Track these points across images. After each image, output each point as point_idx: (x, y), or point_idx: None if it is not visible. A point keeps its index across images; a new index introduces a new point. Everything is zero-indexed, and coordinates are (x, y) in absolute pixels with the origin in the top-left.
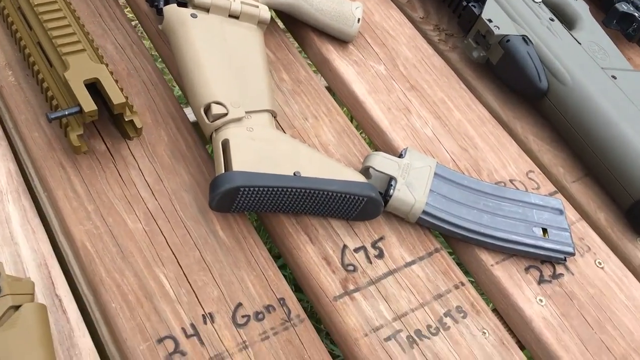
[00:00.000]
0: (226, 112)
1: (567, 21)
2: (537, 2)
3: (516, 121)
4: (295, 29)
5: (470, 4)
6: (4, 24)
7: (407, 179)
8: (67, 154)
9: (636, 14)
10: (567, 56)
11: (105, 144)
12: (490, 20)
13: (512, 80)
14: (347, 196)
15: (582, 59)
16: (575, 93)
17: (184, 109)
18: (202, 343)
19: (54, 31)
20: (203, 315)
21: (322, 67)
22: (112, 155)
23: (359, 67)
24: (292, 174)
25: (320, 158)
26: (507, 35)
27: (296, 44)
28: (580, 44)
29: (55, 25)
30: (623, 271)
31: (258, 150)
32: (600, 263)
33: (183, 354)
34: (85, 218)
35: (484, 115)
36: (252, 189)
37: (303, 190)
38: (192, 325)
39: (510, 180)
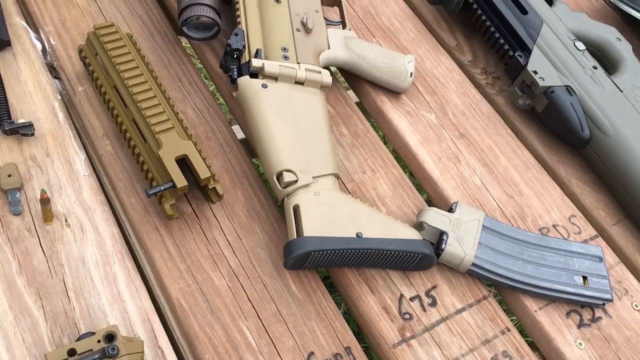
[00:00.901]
0: (296, 179)
1: (611, 63)
2: (581, 50)
3: (560, 165)
4: (353, 82)
5: (516, 54)
6: (100, 97)
7: (458, 233)
8: (160, 217)
9: None
10: (608, 106)
11: (192, 206)
12: (535, 72)
13: (556, 129)
14: (404, 254)
15: (624, 107)
16: (617, 143)
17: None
18: None
19: (147, 111)
20: None
21: (377, 117)
22: (197, 217)
23: (412, 118)
24: (355, 235)
25: (379, 216)
26: (551, 86)
27: (353, 97)
28: (621, 91)
29: (147, 105)
30: None
31: (324, 215)
32: (637, 306)
33: None
34: (179, 277)
35: (528, 160)
36: (320, 252)
37: (365, 250)
38: None
39: (554, 226)
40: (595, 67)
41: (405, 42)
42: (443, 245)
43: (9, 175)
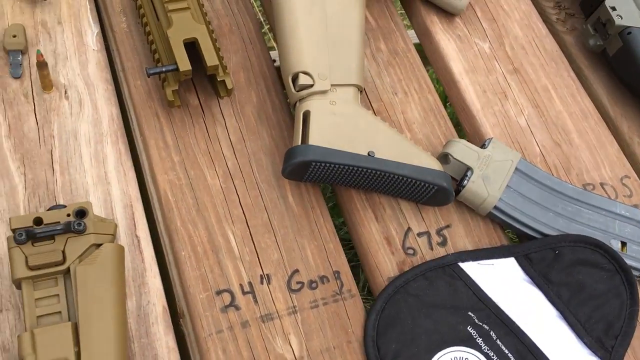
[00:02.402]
0: (312, 83)
1: None
2: None
3: (624, 120)
4: None
5: None
6: None
7: (485, 172)
8: (163, 104)
9: None
10: None
11: (199, 99)
12: (613, 8)
13: (627, 76)
14: (418, 182)
15: None
16: None
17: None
18: (255, 301)
19: None
20: (261, 275)
21: (424, 38)
22: (203, 111)
23: (462, 43)
24: (366, 154)
25: (399, 139)
26: (629, 27)
27: (401, 12)
28: None
29: None
30: None
31: (337, 126)
32: None
33: (237, 308)
34: (171, 168)
35: (588, 109)
36: (323, 164)
37: (374, 171)
38: (250, 284)
39: (601, 184)
40: None
41: None
42: (465, 182)
43: (14, 36)
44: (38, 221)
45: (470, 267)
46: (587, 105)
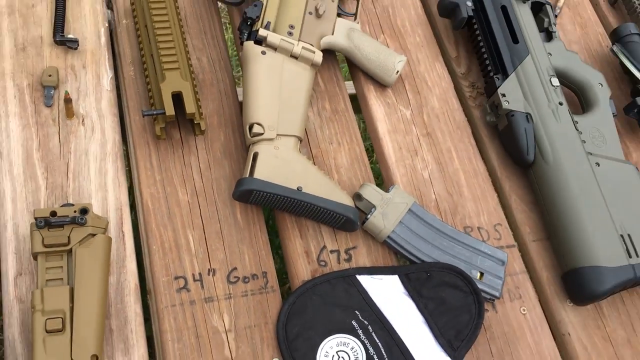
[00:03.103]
0: (263, 132)
1: (586, 103)
2: (554, 86)
3: (507, 180)
4: (351, 67)
5: (495, 76)
6: (135, 32)
7: (385, 210)
8: (153, 136)
9: None
10: (557, 139)
11: (181, 134)
12: (503, 95)
13: (508, 147)
14: (332, 213)
15: (572, 144)
16: (552, 172)
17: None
18: (202, 287)
19: (162, 50)
20: (209, 269)
21: (361, 101)
22: (182, 144)
23: (389, 109)
24: (296, 188)
25: (323, 180)
26: (513, 110)
27: (345, 80)
28: (578, 129)
29: (164, 46)
30: (542, 323)
31: (276, 166)
32: (524, 310)
33: (188, 290)
34: (153, 184)
35: (479, 169)
36: (262, 192)
37: (300, 202)
38: (200, 274)
39: (478, 228)
40: (560, 104)
41: (409, 44)
42: (369, 216)
43: (50, 75)
44: (53, 214)
45: (364, 279)
46: (479, 166)
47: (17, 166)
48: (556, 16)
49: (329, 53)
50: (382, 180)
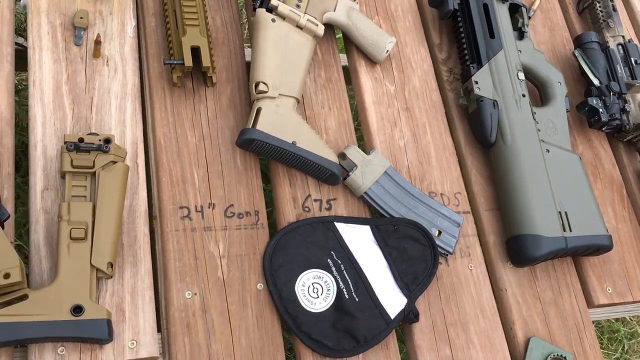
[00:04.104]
0: (267, 90)
1: (545, 97)
2: (520, 80)
3: (470, 156)
4: (347, 43)
5: (471, 65)
6: None
7: (364, 169)
8: (169, 83)
9: (600, 110)
10: (517, 125)
11: (193, 84)
12: (476, 82)
13: (474, 128)
14: (319, 166)
15: (529, 131)
16: (509, 151)
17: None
18: (202, 217)
19: (185, 8)
20: (209, 203)
21: (352, 73)
22: (194, 92)
23: (376, 83)
24: (291, 142)
25: (314, 138)
26: (483, 96)
27: (342, 54)
28: (535, 119)
29: (187, 4)
30: (485, 279)
31: (276, 120)
32: (471, 267)
33: (190, 219)
34: (166, 125)
35: (448, 145)
36: (262, 142)
37: (293, 154)
38: (201, 206)
39: (441, 194)
40: (524, 95)
41: (399, 27)
42: (351, 173)
43: (81, 18)
44: (81, 140)
45: (341, 226)
46: (448, 141)
47: (48, 95)
48: (529, 17)
49: (329, 27)
50: (364, 145)
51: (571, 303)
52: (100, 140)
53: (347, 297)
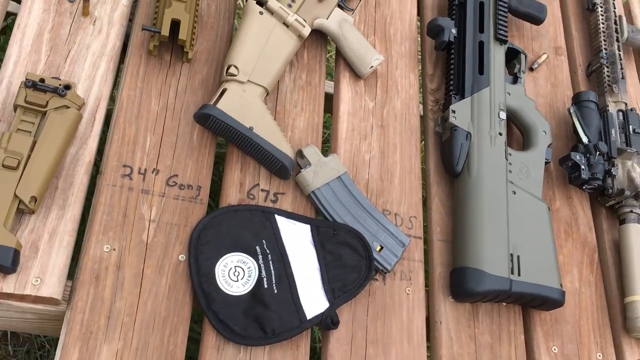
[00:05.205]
0: (236, 74)
1: (526, 143)
2: (500, 119)
3: (436, 184)
4: (338, 52)
5: (453, 95)
6: None
7: (317, 169)
8: (147, 52)
9: (582, 167)
10: (486, 160)
11: (171, 59)
12: (454, 111)
13: (444, 156)
14: (271, 156)
15: (497, 168)
16: (472, 184)
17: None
18: (143, 180)
19: None
20: (154, 168)
21: (335, 83)
22: (169, 66)
23: (356, 95)
24: (248, 127)
25: (274, 128)
26: (457, 126)
27: (328, 62)
28: (507, 159)
29: None
30: (420, 307)
31: (238, 104)
32: (409, 291)
33: (131, 178)
34: (133, 89)
35: (415, 169)
36: (218, 120)
37: (247, 138)
38: (145, 170)
39: (395, 214)
40: (500, 134)
41: (394, 51)
42: (302, 170)
43: None
44: (42, 80)
45: (281, 220)
46: (416, 166)
47: (28, 38)
48: (532, 69)
49: (322, 37)
50: (329, 150)
51: (509, 353)
52: (60, 85)
53: (266, 286)
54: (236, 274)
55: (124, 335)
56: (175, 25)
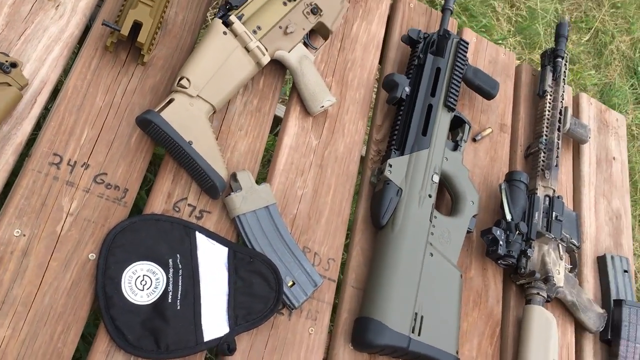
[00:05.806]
0: (187, 87)
1: (454, 209)
2: (433, 181)
3: (360, 232)
4: (294, 86)
5: (393, 149)
6: None
7: (247, 195)
8: (104, 47)
9: (500, 243)
10: (410, 219)
11: (126, 58)
12: (390, 165)
13: (372, 207)
14: (204, 173)
15: (419, 229)
16: (392, 238)
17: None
18: (70, 172)
19: None
20: (84, 163)
21: (285, 114)
22: (123, 64)
23: (302, 131)
24: (187, 141)
25: (213, 147)
26: (391, 180)
27: (281, 92)
28: (432, 222)
29: None
30: (320, 348)
31: (182, 117)
32: (311, 331)
33: (58, 168)
34: (81, 80)
35: (343, 214)
36: (159, 128)
37: (184, 151)
38: (75, 162)
39: (315, 253)
40: (430, 196)
41: (348, 96)
42: (232, 193)
43: None
44: None
45: (200, 237)
46: (346, 211)
47: None
48: (475, 140)
49: (282, 68)
50: (265, 179)
51: None
52: (7, 62)
53: (170, 301)
54: (143, 282)
55: (14, 324)
56: (137, 26)
